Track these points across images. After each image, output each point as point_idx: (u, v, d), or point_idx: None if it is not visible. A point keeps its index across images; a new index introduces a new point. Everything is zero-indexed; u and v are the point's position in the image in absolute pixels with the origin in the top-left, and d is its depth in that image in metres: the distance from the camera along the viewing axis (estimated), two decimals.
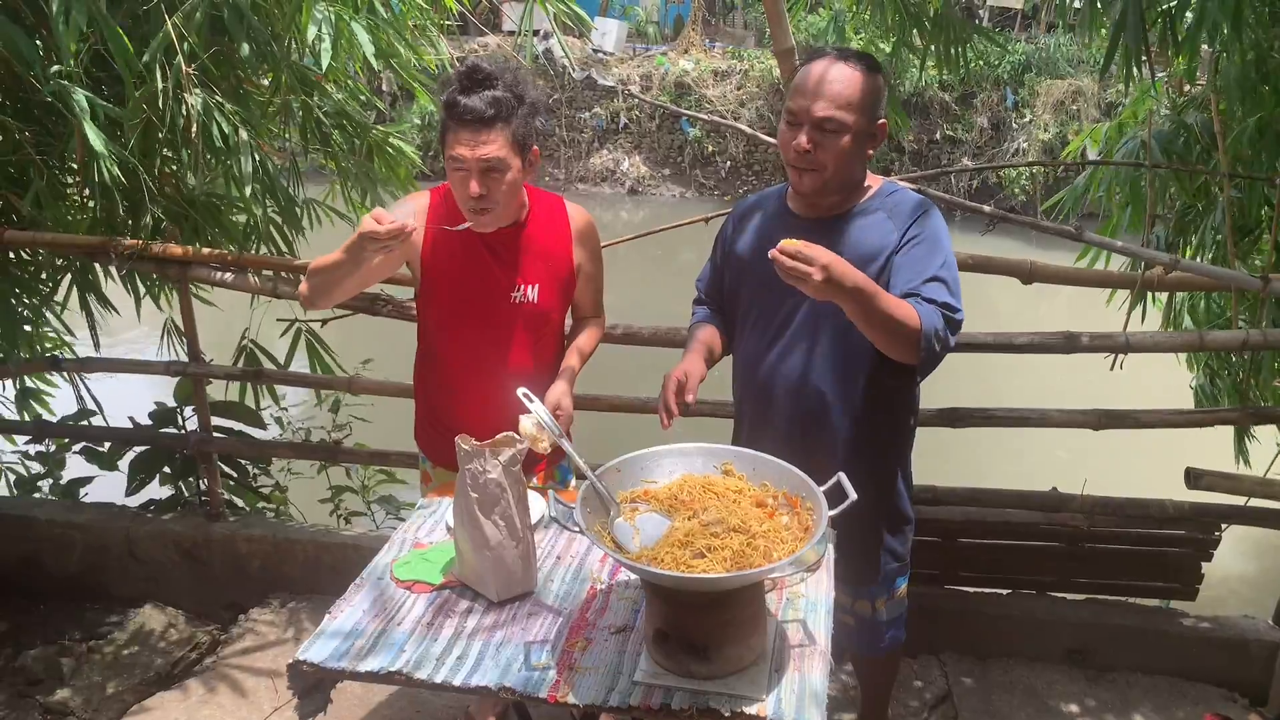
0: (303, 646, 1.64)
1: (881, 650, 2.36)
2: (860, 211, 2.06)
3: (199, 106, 2.67)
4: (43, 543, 3.38)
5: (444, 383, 2.31)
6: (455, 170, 2.05)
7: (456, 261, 2.19)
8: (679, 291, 3.02)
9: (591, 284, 2.38)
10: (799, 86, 1.98)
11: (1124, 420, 2.75)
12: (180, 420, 3.48)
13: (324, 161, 3.37)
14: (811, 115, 1.94)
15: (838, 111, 1.93)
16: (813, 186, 2.01)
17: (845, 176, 2.02)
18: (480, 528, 1.72)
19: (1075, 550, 2.87)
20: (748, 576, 1.45)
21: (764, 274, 2.06)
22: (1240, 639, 2.85)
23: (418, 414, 2.43)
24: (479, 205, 2.06)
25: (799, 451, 2.07)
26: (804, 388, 2.08)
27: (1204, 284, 2.95)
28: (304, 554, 3.27)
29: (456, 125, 2.01)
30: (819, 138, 1.95)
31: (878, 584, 2.24)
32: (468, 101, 1.99)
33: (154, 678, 2.95)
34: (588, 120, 15.73)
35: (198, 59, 2.69)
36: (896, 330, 1.86)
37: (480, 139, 2.00)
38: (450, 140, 2.03)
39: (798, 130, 1.97)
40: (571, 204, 2.32)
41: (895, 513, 2.23)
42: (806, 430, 2.10)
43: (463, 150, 2.01)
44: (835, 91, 1.93)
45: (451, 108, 2.01)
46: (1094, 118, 13.60)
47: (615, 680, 1.56)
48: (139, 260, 2.98)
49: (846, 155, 1.97)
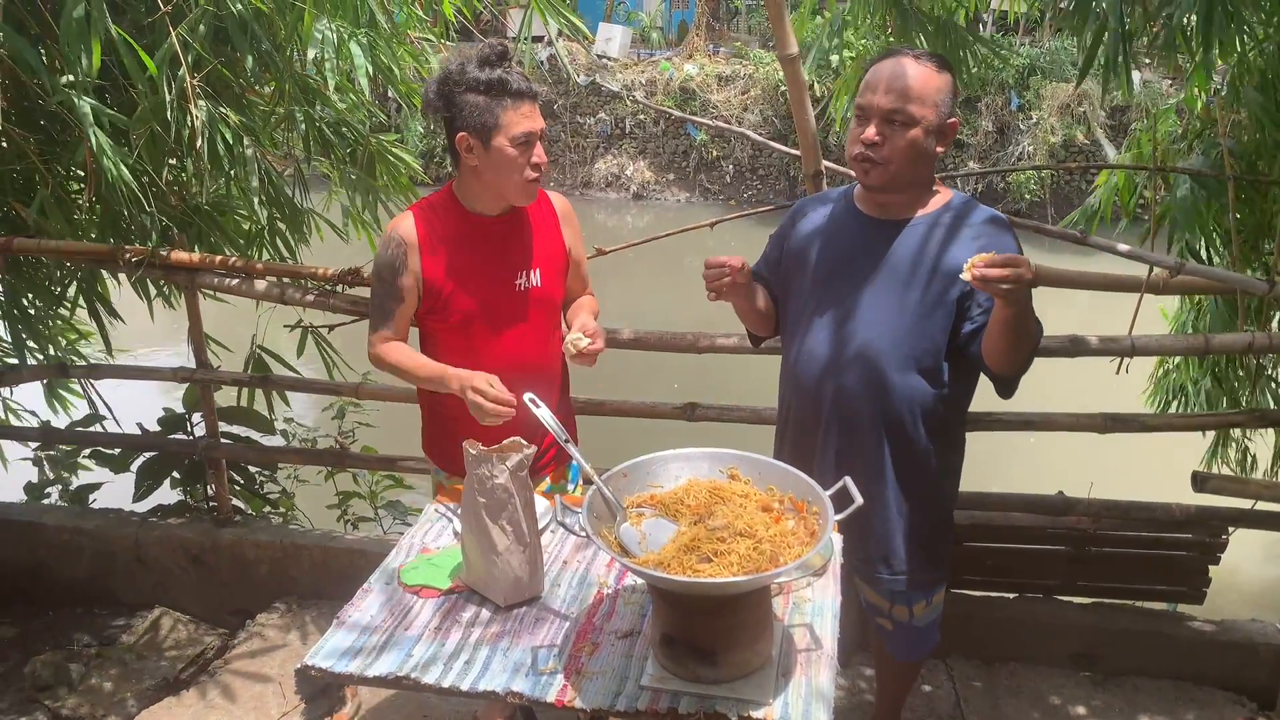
0: (311, 651, 1.65)
1: (917, 655, 2.38)
2: (934, 221, 2.06)
3: (204, 117, 2.69)
4: (51, 549, 3.39)
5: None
6: (519, 144, 2.07)
7: (457, 260, 2.19)
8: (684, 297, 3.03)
9: (580, 266, 2.42)
10: (868, 83, 1.99)
11: (1130, 424, 2.74)
12: (189, 426, 3.50)
13: (325, 170, 3.39)
14: (879, 108, 1.95)
15: (906, 104, 1.94)
16: (879, 181, 2.00)
17: (912, 174, 2.02)
18: (488, 533, 1.73)
19: (1081, 554, 2.86)
20: (754, 581, 1.45)
21: (829, 271, 2.09)
22: (1248, 642, 2.84)
23: (426, 426, 2.43)
24: (537, 174, 2.12)
25: (853, 449, 2.09)
26: (866, 384, 2.06)
27: (1210, 287, 2.94)
28: (311, 559, 3.27)
29: (515, 101, 2.04)
30: (886, 131, 1.96)
31: (918, 589, 2.24)
32: (516, 78, 2.05)
33: (162, 683, 2.96)
34: (592, 126, 15.76)
35: (202, 69, 2.71)
36: (1034, 337, 1.92)
37: (536, 111, 2.09)
38: (512, 118, 2.05)
39: (865, 124, 1.98)
40: (548, 191, 2.35)
41: (943, 519, 2.24)
42: (864, 428, 2.09)
43: (526, 124, 2.06)
44: (903, 85, 1.95)
45: (504, 85, 2.03)
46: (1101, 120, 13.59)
47: (622, 684, 1.56)
48: (148, 267, 3.00)
49: (913, 150, 1.97)
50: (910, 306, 2.02)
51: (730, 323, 2.47)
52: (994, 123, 14.43)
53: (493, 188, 2.15)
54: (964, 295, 1.99)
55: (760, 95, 15.13)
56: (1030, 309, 1.85)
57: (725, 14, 18.37)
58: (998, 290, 1.74)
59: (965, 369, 2.07)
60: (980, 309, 1.98)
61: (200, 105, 2.70)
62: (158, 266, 3.00)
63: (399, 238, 2.17)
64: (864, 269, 2.07)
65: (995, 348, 1.93)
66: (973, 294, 1.97)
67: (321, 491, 3.89)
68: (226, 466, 3.44)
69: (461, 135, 2.07)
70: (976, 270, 1.74)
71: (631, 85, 15.36)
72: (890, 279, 2.04)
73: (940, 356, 2.03)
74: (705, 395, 3.03)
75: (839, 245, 2.12)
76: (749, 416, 2.90)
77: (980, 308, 1.98)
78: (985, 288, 1.75)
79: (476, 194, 2.19)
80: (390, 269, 2.17)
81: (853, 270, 2.08)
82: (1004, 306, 1.80)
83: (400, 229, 2.18)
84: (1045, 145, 13.89)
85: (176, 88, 2.66)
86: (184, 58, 2.64)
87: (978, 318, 1.99)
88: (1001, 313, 1.83)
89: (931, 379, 2.05)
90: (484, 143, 2.06)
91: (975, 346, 1.99)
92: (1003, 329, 1.87)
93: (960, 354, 2.03)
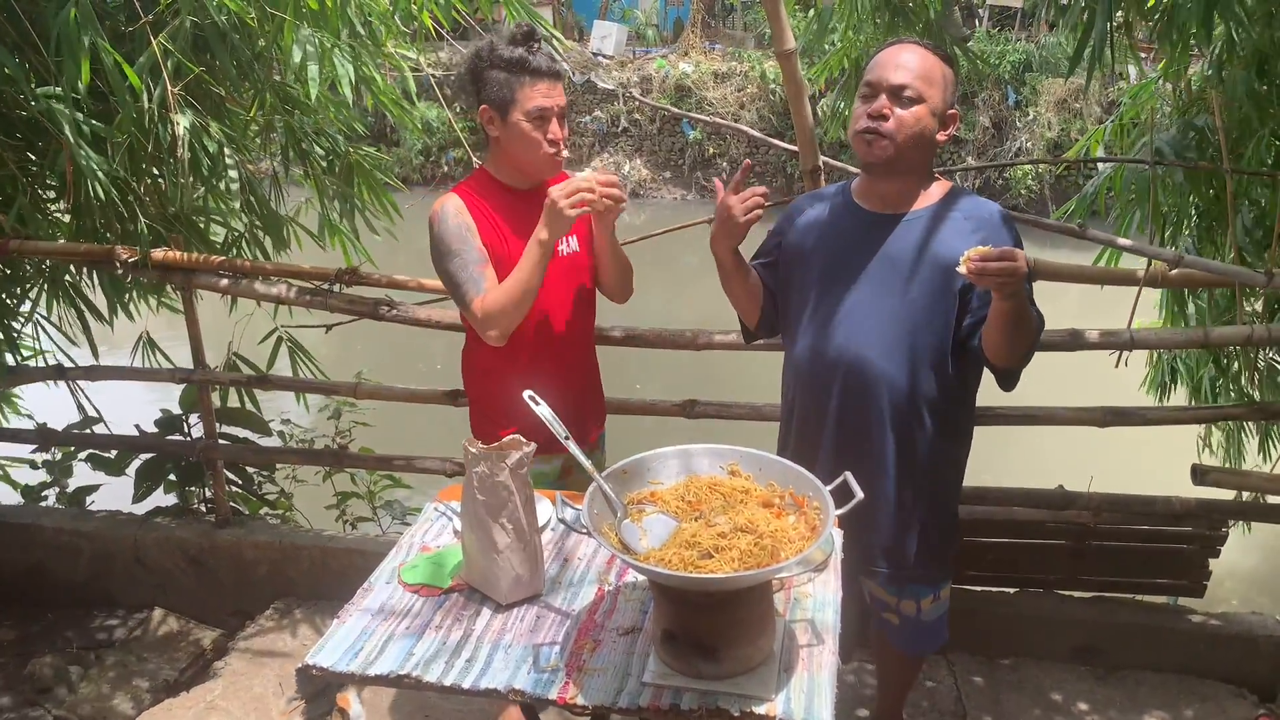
0: (312, 651, 1.64)
1: (926, 650, 2.38)
2: (934, 213, 2.06)
3: (186, 125, 2.69)
4: (50, 551, 3.38)
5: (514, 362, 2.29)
6: (535, 119, 2.17)
7: (507, 228, 2.26)
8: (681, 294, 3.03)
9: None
10: (877, 61, 2.01)
11: (1130, 417, 2.74)
12: (185, 427, 3.49)
13: (300, 179, 3.40)
14: (889, 83, 1.96)
15: (915, 80, 1.96)
16: (883, 156, 2.00)
17: (914, 155, 2.01)
18: (488, 531, 1.73)
19: (1082, 548, 2.86)
20: (755, 576, 1.45)
21: (830, 267, 2.10)
22: (1249, 635, 2.84)
23: (484, 415, 2.42)
24: (559, 148, 2.21)
25: (859, 444, 2.09)
26: (871, 378, 2.06)
27: (1208, 280, 2.94)
28: (310, 559, 3.27)
29: (533, 78, 2.15)
30: (895, 105, 1.96)
31: (925, 584, 2.24)
32: (538, 57, 2.16)
33: (162, 684, 2.95)
34: (589, 124, 15.75)
35: (183, 78, 2.71)
36: (1033, 329, 1.93)
37: (557, 89, 2.18)
38: (528, 94, 2.15)
39: (872, 99, 1.99)
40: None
41: (949, 513, 2.25)
42: (870, 423, 2.09)
43: (545, 100, 2.16)
44: (914, 63, 1.97)
45: (524, 63, 2.15)
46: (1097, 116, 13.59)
47: (624, 681, 1.56)
48: (144, 268, 2.99)
49: (919, 127, 1.98)
50: (914, 300, 2.02)
51: (729, 319, 2.47)
52: (992, 118, 14.43)
53: (517, 162, 2.24)
54: (965, 288, 1.99)
55: (756, 92, 15.12)
56: (1027, 301, 1.85)
57: (720, 11, 18.35)
58: (993, 283, 1.74)
59: (970, 361, 2.07)
60: (980, 301, 1.99)
61: (185, 114, 2.70)
62: (154, 267, 2.99)
63: (453, 209, 2.23)
64: (866, 264, 2.07)
65: (994, 340, 1.94)
66: (972, 286, 1.97)
67: (319, 492, 3.89)
68: (224, 467, 3.43)
69: (484, 108, 2.20)
70: (972, 264, 1.74)
71: (627, 83, 15.35)
72: (893, 273, 2.04)
73: (946, 349, 2.03)
74: (704, 392, 3.03)
75: (839, 241, 2.12)
76: (748, 413, 2.89)
77: (980, 300, 1.99)
78: (981, 281, 1.75)
79: (506, 168, 2.28)
80: (459, 237, 2.21)
81: (855, 265, 2.08)
82: (1001, 299, 1.80)
83: (451, 204, 2.24)
84: (1042, 141, 13.89)
85: (158, 96, 2.66)
86: (164, 66, 2.64)
87: (978, 310, 1.99)
88: (999, 305, 1.84)
89: (938, 372, 2.05)
90: (502, 116, 2.19)
91: (977, 339, 1.99)
92: (1001, 322, 1.87)
93: (963, 346, 2.04)
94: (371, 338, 3.54)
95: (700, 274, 2.19)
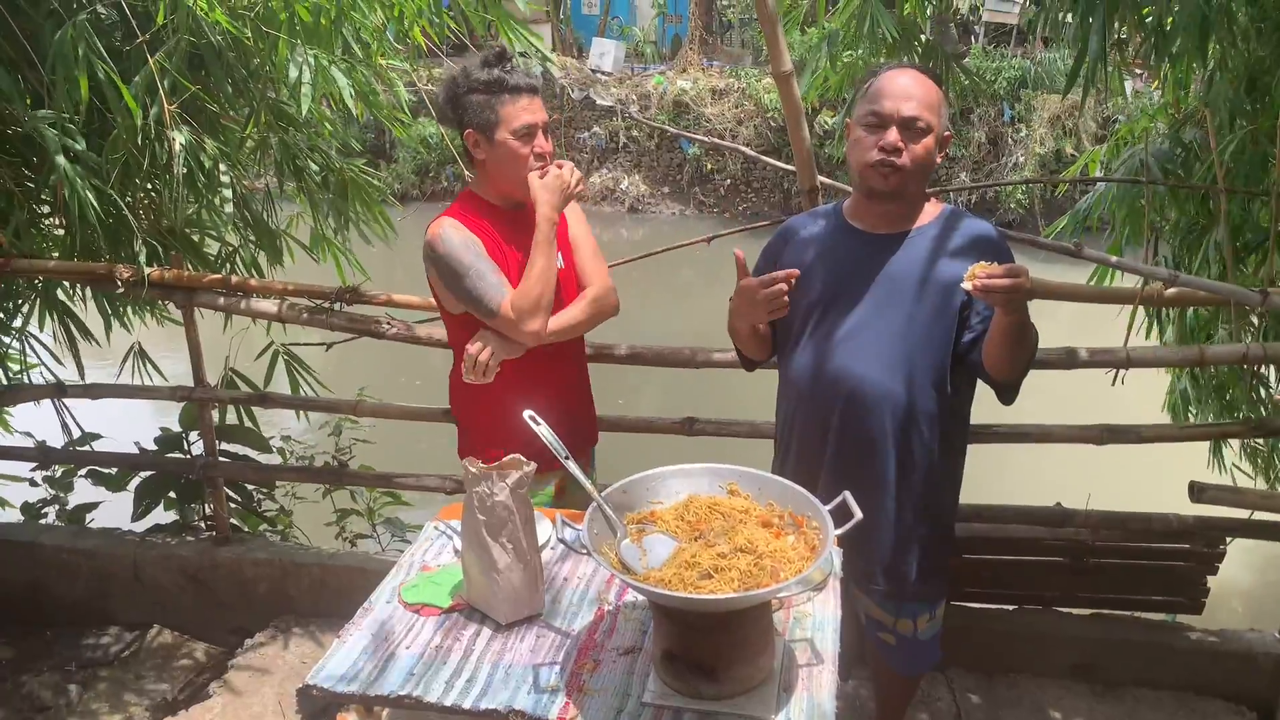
0: (312, 670, 1.65)
1: (920, 670, 2.38)
2: (930, 233, 2.09)
3: (182, 143, 2.71)
4: (49, 569, 3.38)
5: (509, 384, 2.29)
6: (520, 136, 2.19)
7: (502, 248, 2.27)
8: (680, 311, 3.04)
9: (585, 245, 2.46)
10: (883, 89, 2.02)
11: (1126, 435, 2.75)
12: (185, 445, 3.49)
13: (293, 194, 3.43)
14: (901, 115, 1.98)
15: (925, 112, 1.98)
16: (897, 185, 2.02)
17: (920, 181, 2.05)
18: (488, 550, 1.73)
19: (1080, 565, 2.87)
20: (755, 597, 1.46)
21: (830, 289, 2.11)
22: (1247, 652, 2.85)
23: (474, 437, 2.44)
24: (543, 164, 2.22)
25: (860, 462, 2.10)
26: (874, 398, 2.06)
27: (1203, 299, 2.96)
28: (310, 577, 3.27)
29: (513, 95, 2.18)
30: (907, 137, 1.99)
31: (922, 601, 2.25)
32: (516, 75, 2.20)
33: (161, 703, 2.95)
34: (587, 140, 15.79)
35: (179, 96, 2.73)
36: (1033, 343, 1.95)
37: (536, 104, 2.22)
38: (511, 112, 2.18)
39: (882, 131, 2.00)
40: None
41: (947, 528, 2.26)
42: (872, 441, 2.09)
43: (528, 115, 2.20)
44: (921, 94, 1.99)
45: (502, 83, 2.17)
46: (1092, 132, 13.65)
47: (624, 701, 1.56)
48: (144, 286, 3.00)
49: (928, 157, 2.02)
50: (915, 319, 2.03)
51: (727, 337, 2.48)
52: (987, 134, 14.50)
53: (505, 181, 2.25)
54: (964, 304, 2.01)
55: (754, 109, 15.18)
56: (1028, 317, 1.87)
57: (718, 28, 18.45)
58: (999, 300, 1.76)
59: (966, 376, 2.10)
60: (979, 317, 2.01)
61: (181, 130, 2.72)
62: (155, 285, 3.00)
63: (452, 226, 2.24)
64: (866, 284, 2.08)
65: (997, 355, 1.95)
66: (972, 303, 1.99)
67: (319, 509, 3.88)
68: (224, 485, 3.43)
69: (469, 132, 2.22)
70: (978, 280, 1.75)
71: (625, 100, 15.41)
72: (893, 293, 2.06)
73: (945, 367, 2.05)
74: (702, 405, 3.03)
75: (838, 262, 2.13)
76: (747, 431, 2.90)
77: (979, 316, 2.01)
78: (986, 298, 1.77)
79: (494, 189, 2.30)
80: (469, 249, 2.23)
81: (855, 286, 2.09)
82: (1004, 315, 1.82)
83: (447, 223, 2.25)
84: (1034, 157, 13.95)
85: (154, 113, 2.68)
86: (160, 84, 2.66)
87: (977, 326, 2.01)
88: (1002, 321, 1.85)
89: (938, 389, 2.06)
90: (489, 138, 2.20)
91: (975, 354, 2.01)
92: (1004, 337, 1.89)
93: (960, 362, 2.05)
94: (370, 353, 3.54)
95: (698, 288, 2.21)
